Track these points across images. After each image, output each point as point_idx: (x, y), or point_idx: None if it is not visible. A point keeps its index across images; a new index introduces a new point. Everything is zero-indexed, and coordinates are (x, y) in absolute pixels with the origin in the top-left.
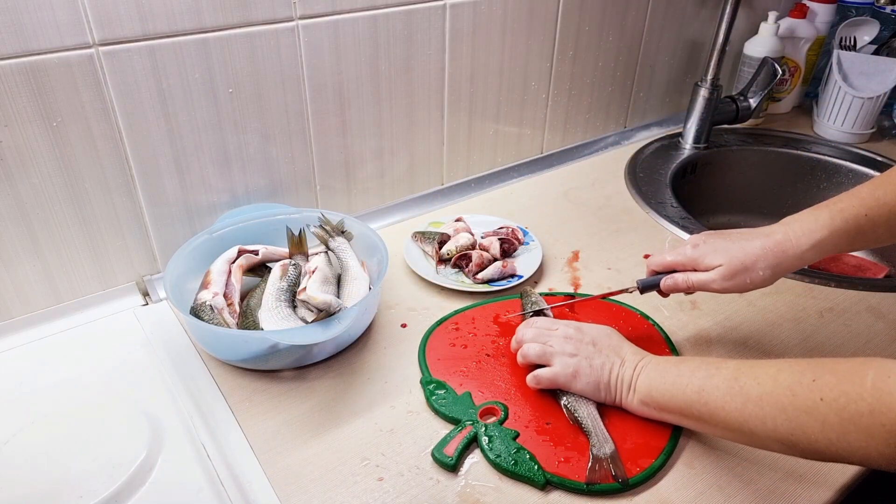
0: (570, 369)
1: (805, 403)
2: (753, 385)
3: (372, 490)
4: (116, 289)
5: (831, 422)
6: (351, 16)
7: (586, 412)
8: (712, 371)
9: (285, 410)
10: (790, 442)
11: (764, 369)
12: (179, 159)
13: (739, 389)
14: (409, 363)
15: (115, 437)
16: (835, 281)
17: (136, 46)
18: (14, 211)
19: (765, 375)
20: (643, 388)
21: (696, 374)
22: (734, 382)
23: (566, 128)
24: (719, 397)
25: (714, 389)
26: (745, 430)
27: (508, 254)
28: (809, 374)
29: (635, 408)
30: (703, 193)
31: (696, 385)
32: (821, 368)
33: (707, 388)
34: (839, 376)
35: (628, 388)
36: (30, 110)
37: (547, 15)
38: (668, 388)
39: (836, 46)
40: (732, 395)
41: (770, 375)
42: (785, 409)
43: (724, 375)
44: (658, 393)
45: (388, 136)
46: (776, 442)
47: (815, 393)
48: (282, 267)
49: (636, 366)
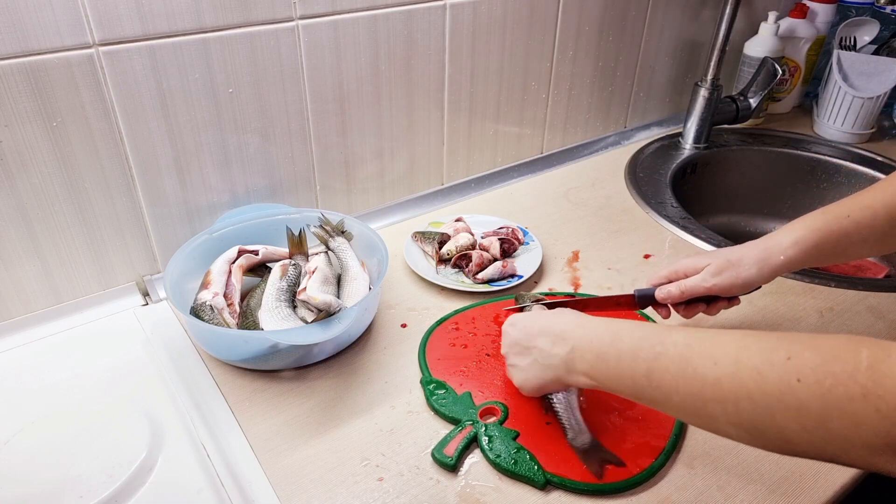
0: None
1: (776, 386)
2: (709, 367)
3: (372, 490)
4: (116, 289)
5: (809, 407)
6: (351, 16)
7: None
8: (658, 349)
9: (285, 410)
10: (756, 430)
11: (722, 347)
12: (179, 159)
13: (693, 372)
14: (409, 363)
15: (115, 437)
16: (835, 281)
17: (136, 46)
18: (14, 211)
19: (724, 355)
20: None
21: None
22: (686, 364)
23: (566, 128)
24: (670, 382)
25: (664, 372)
26: (702, 414)
27: (508, 254)
28: (782, 352)
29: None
30: (703, 193)
31: (644, 367)
32: (797, 345)
33: (656, 371)
34: (823, 354)
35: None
36: (30, 110)
37: (547, 15)
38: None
39: (836, 46)
40: (685, 378)
41: (730, 355)
42: (751, 394)
43: (672, 355)
44: (603, 376)
45: (388, 136)
46: (739, 429)
47: (791, 374)
48: (282, 267)
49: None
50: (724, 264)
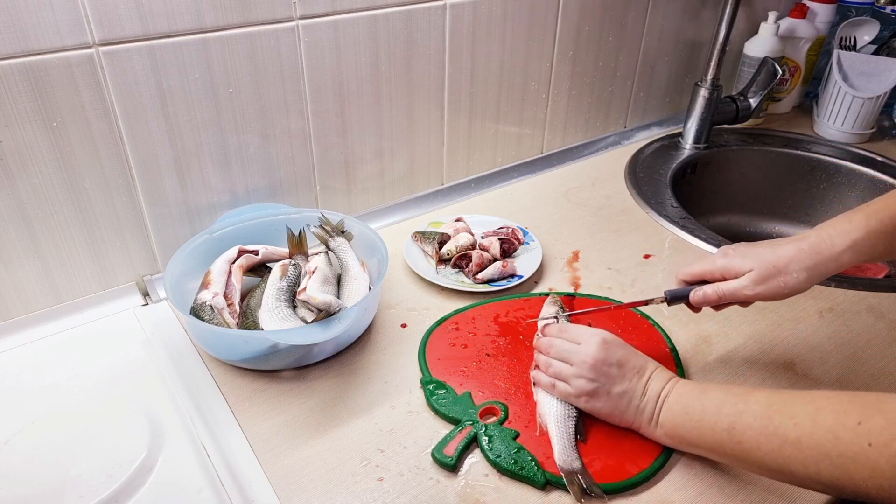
0: (585, 392)
1: (851, 449)
2: (790, 426)
3: (372, 490)
4: (116, 289)
5: (882, 468)
6: (351, 16)
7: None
8: (741, 406)
9: (285, 410)
10: (836, 486)
11: (800, 406)
12: (179, 159)
13: (774, 430)
14: (409, 363)
15: (115, 437)
16: (835, 281)
17: (136, 46)
18: (14, 211)
19: (802, 415)
20: (668, 424)
21: (723, 410)
22: (768, 422)
23: (566, 128)
24: (752, 438)
25: (746, 429)
26: (784, 471)
27: (508, 254)
28: (854, 416)
29: (658, 439)
30: (703, 193)
31: (726, 423)
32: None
33: (738, 427)
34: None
35: (649, 421)
36: (30, 110)
37: (547, 15)
38: (694, 426)
39: (836, 46)
40: (767, 435)
41: (808, 415)
42: (828, 455)
43: (754, 412)
44: (685, 430)
45: (388, 136)
46: (820, 484)
47: (863, 438)
48: (282, 267)
49: (658, 397)
50: (770, 271)
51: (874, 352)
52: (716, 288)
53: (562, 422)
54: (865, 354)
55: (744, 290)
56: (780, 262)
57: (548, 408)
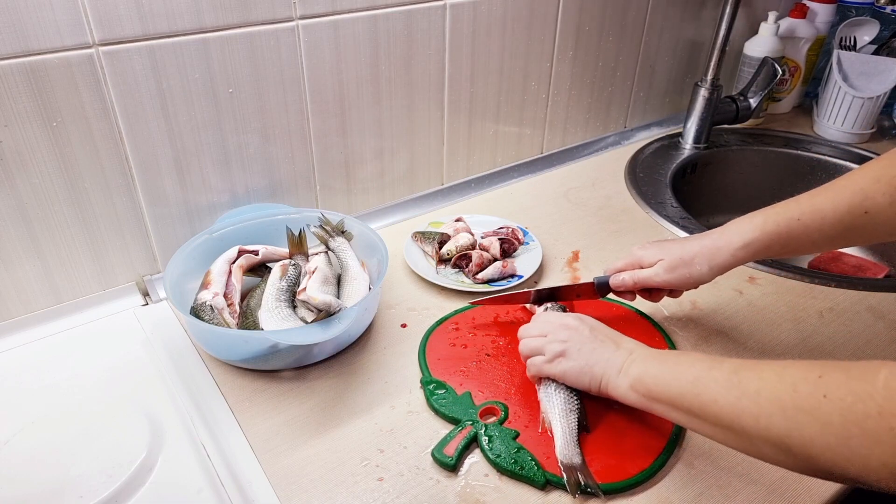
0: (556, 354)
1: (807, 401)
2: (753, 379)
3: (372, 490)
4: (116, 289)
5: (833, 422)
6: (351, 16)
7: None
8: (713, 364)
9: (285, 410)
10: (783, 445)
11: (769, 366)
12: (179, 159)
13: (738, 382)
14: (409, 363)
15: (115, 437)
16: (835, 281)
17: (136, 46)
18: (14, 211)
19: (768, 371)
20: (635, 373)
21: (694, 366)
22: (733, 375)
23: (566, 128)
24: (714, 389)
25: (711, 381)
26: (735, 426)
27: (508, 254)
28: (816, 371)
29: (622, 393)
30: (703, 193)
31: (693, 375)
32: (830, 366)
33: (703, 379)
34: (849, 374)
35: (618, 371)
36: (30, 110)
37: (547, 15)
38: (661, 376)
39: (836, 46)
40: (729, 387)
41: (774, 372)
42: (784, 407)
43: (724, 368)
44: (650, 378)
45: (388, 136)
46: (767, 443)
47: (820, 389)
48: (282, 267)
49: (632, 352)
50: (677, 262)
51: (874, 352)
52: (632, 274)
53: (564, 416)
54: (865, 354)
55: (655, 277)
56: (686, 256)
57: (549, 404)
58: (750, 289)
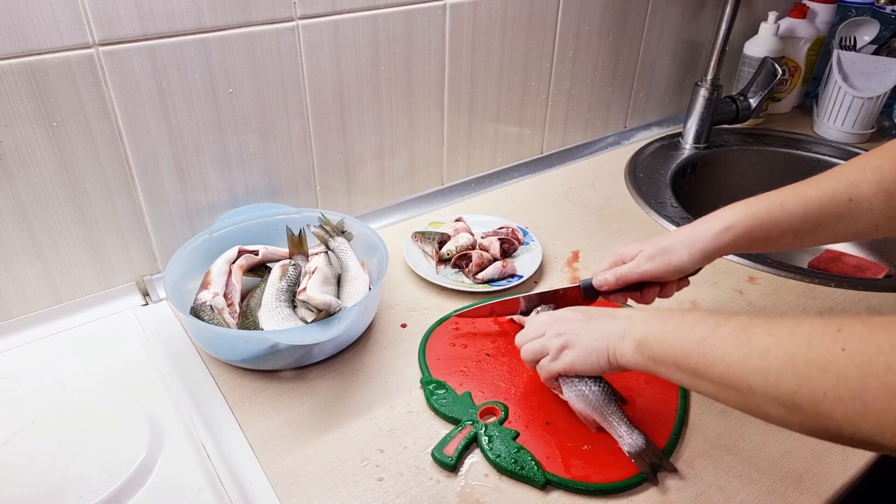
0: (558, 347)
1: (822, 355)
2: (763, 336)
3: (372, 490)
4: (116, 289)
5: (849, 375)
6: (351, 16)
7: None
8: (721, 321)
9: (285, 410)
10: (791, 402)
11: (780, 322)
12: (179, 159)
13: (747, 339)
14: (409, 363)
15: (115, 437)
16: (835, 281)
17: (136, 46)
18: (14, 211)
19: (779, 327)
20: (638, 335)
21: (700, 324)
22: (742, 333)
23: (566, 128)
24: (721, 347)
25: (718, 339)
26: (741, 385)
27: (508, 254)
28: (835, 325)
29: (629, 358)
30: (703, 193)
31: (699, 334)
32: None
33: (710, 338)
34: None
35: (621, 337)
36: (30, 110)
37: (547, 15)
38: (666, 336)
39: (836, 46)
40: (738, 345)
41: (786, 327)
42: (794, 362)
43: (732, 326)
44: (654, 339)
45: (388, 136)
46: (775, 402)
47: (838, 343)
48: (282, 267)
49: (630, 317)
50: (656, 251)
51: None
52: (614, 271)
53: (605, 406)
54: None
55: (636, 269)
56: (665, 244)
57: (583, 402)
58: (750, 289)
